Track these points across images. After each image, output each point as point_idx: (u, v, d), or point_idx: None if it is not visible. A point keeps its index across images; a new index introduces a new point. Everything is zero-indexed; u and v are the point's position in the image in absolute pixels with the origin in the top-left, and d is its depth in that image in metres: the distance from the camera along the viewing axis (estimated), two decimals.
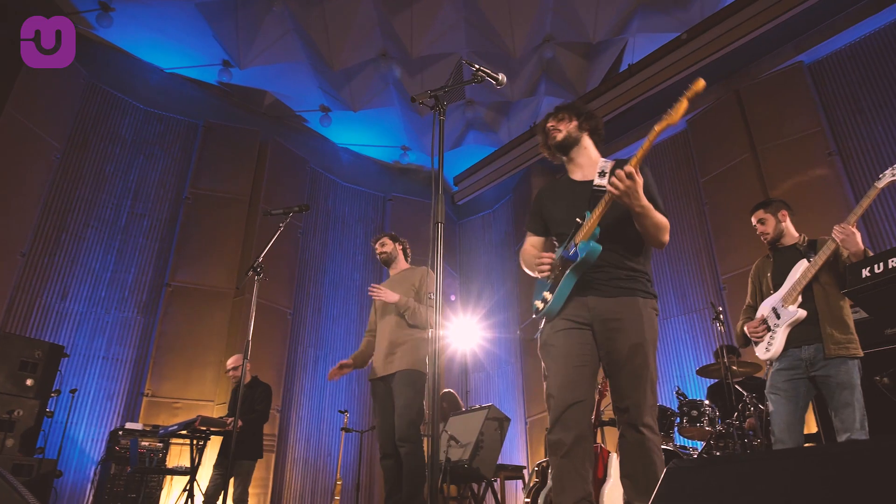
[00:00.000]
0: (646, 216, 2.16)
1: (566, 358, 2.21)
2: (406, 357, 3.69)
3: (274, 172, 7.93)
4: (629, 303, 2.21)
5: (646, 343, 2.17)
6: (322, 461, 7.60)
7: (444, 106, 2.18)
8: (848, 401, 2.88)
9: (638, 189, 2.09)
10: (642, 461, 2.10)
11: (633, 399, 2.13)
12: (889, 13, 6.05)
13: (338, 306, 8.52)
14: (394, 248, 4.19)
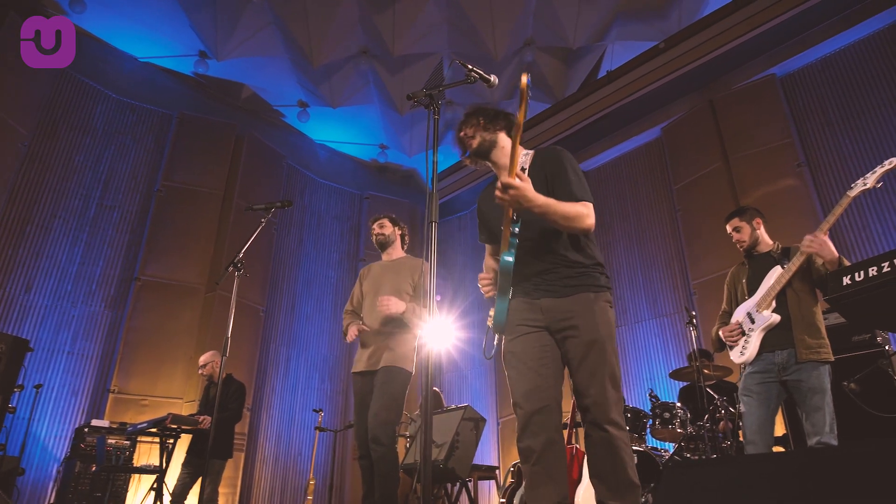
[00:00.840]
0: (547, 214, 2.09)
1: (526, 364, 2.19)
2: (392, 353, 3.51)
3: (249, 167, 7.81)
4: (580, 300, 2.18)
5: (600, 339, 2.14)
6: (292, 460, 7.51)
7: (438, 105, 2.17)
8: (819, 405, 2.96)
9: (522, 194, 2.01)
10: (610, 459, 2.06)
11: (593, 396, 2.10)
12: (858, 30, 6.26)
13: (311, 305, 8.43)
14: (392, 232, 3.94)
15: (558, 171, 2.26)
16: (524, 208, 2.06)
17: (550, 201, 2.09)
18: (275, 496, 7.23)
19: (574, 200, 2.18)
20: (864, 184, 3.04)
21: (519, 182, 2.01)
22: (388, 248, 3.92)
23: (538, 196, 2.05)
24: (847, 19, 6.27)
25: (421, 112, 8.42)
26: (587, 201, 2.21)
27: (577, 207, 2.16)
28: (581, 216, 2.15)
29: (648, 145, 8.13)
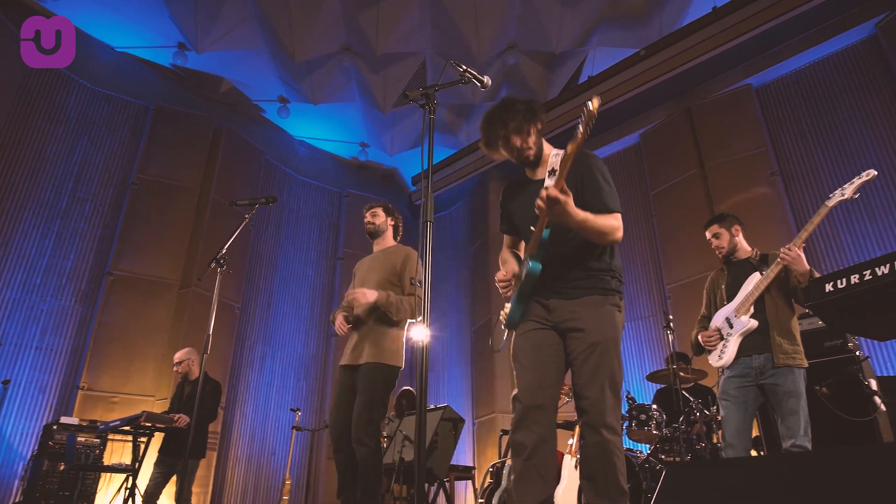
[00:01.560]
0: (584, 230, 2.11)
1: (532, 361, 2.24)
2: (375, 348, 3.38)
3: (227, 162, 7.69)
4: (588, 302, 2.21)
5: (604, 342, 2.16)
6: (266, 459, 7.43)
7: (434, 104, 2.17)
8: (794, 409, 3.04)
9: (565, 210, 2.00)
10: (602, 463, 2.09)
11: (590, 399, 2.13)
12: (832, 44, 6.45)
13: (288, 302, 8.35)
14: (384, 221, 3.80)
15: (592, 180, 2.26)
16: (563, 221, 2.07)
17: (588, 217, 2.10)
18: (247, 495, 7.13)
19: (607, 212, 2.20)
20: (841, 194, 3.13)
21: (564, 197, 2.00)
22: (378, 237, 3.79)
23: (578, 212, 2.06)
24: (822, 33, 6.45)
25: (403, 111, 8.40)
26: (618, 212, 2.23)
27: (610, 221, 2.18)
28: (613, 230, 2.18)
29: (626, 151, 8.25)
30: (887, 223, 5.81)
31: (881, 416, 3.52)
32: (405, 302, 3.42)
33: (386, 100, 8.17)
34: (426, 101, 2.16)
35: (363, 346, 3.42)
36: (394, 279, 3.52)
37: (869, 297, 1.89)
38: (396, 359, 3.43)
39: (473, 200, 9.24)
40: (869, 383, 3.58)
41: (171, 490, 4.64)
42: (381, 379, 3.36)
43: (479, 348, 8.35)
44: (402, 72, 7.89)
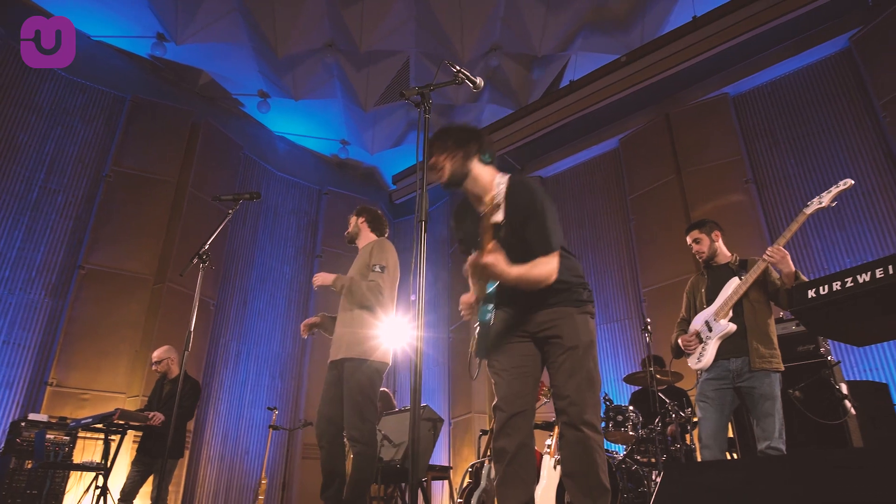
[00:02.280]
0: (519, 285, 2.16)
1: (509, 371, 2.30)
2: (351, 345, 3.39)
3: (205, 156, 7.56)
4: (562, 311, 2.27)
5: (580, 345, 2.23)
6: (239, 459, 7.33)
7: (429, 103, 2.17)
8: (769, 411, 3.12)
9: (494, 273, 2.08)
10: (584, 460, 2.13)
11: (569, 397, 2.18)
12: (807, 56, 6.62)
13: (264, 300, 8.25)
14: (355, 224, 3.83)
15: (534, 217, 2.23)
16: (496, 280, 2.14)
17: (522, 272, 2.13)
18: (219, 495, 7.03)
19: (546, 253, 2.19)
20: (819, 202, 3.22)
21: (491, 260, 2.05)
22: (357, 239, 3.83)
23: (509, 271, 2.10)
24: (797, 45, 6.62)
25: (385, 110, 8.37)
26: (557, 250, 2.23)
27: (544, 270, 2.18)
28: (547, 276, 2.18)
29: (606, 155, 8.36)
30: (856, 231, 5.99)
31: (851, 420, 3.62)
32: (364, 286, 3.43)
33: (368, 97, 8.13)
34: (422, 100, 2.16)
35: (340, 342, 3.45)
36: (364, 270, 3.54)
37: (849, 303, 1.94)
38: (374, 352, 3.42)
39: (455, 201, 9.25)
40: (840, 387, 3.68)
41: (147, 490, 4.55)
42: (363, 375, 3.36)
43: (456, 348, 8.37)
44: (386, 70, 7.86)
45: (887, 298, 1.89)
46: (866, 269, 1.92)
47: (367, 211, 3.88)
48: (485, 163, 2.38)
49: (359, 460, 3.23)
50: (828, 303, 2.00)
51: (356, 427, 3.26)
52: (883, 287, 1.85)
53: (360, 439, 3.24)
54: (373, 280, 3.45)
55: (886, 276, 1.82)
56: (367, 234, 3.80)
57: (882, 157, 5.97)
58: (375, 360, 3.41)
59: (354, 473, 3.23)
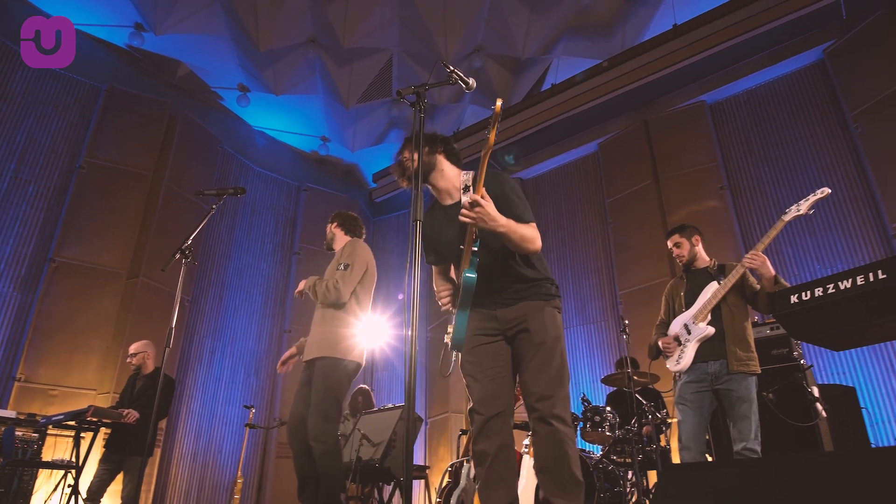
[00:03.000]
0: (507, 235, 2.18)
1: (483, 372, 2.31)
2: (323, 344, 3.40)
3: (182, 149, 7.43)
4: (530, 306, 2.31)
5: (548, 340, 2.27)
6: (212, 457, 7.22)
7: (424, 103, 2.18)
8: (746, 413, 3.20)
9: (488, 213, 2.09)
10: (555, 454, 2.16)
11: (539, 392, 2.21)
12: (782, 67, 6.80)
13: (240, 296, 8.14)
14: (329, 231, 3.91)
15: (503, 195, 2.31)
16: (488, 227, 2.13)
17: (511, 222, 2.18)
18: (191, 494, 6.92)
19: (522, 223, 2.25)
20: (797, 210, 3.31)
21: (485, 201, 2.09)
22: (334, 245, 3.89)
23: (500, 216, 2.14)
24: (773, 56, 6.79)
25: (366, 107, 8.33)
26: (532, 223, 2.31)
27: (531, 230, 2.26)
28: (535, 238, 2.27)
29: (585, 159, 8.46)
30: (826, 239, 6.17)
31: (822, 422, 3.73)
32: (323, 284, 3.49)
33: (350, 94, 8.08)
34: (417, 100, 2.16)
35: (312, 341, 3.49)
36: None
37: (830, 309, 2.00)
38: (343, 350, 3.41)
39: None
40: (812, 390, 3.79)
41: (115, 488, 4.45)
42: (333, 375, 3.35)
43: (433, 348, 8.37)
44: (368, 67, 7.83)
45: (867, 305, 1.95)
46: (848, 275, 1.97)
47: (338, 216, 3.94)
48: (451, 161, 2.50)
49: (323, 460, 3.21)
50: (810, 308, 2.05)
51: (318, 427, 3.25)
52: (863, 294, 1.90)
53: (321, 439, 3.22)
54: (334, 278, 3.50)
55: (867, 283, 1.87)
56: (342, 237, 3.86)
57: (853, 167, 6.15)
58: (347, 360, 3.41)
59: (323, 474, 3.21)
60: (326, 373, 3.34)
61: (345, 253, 3.61)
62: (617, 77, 7.30)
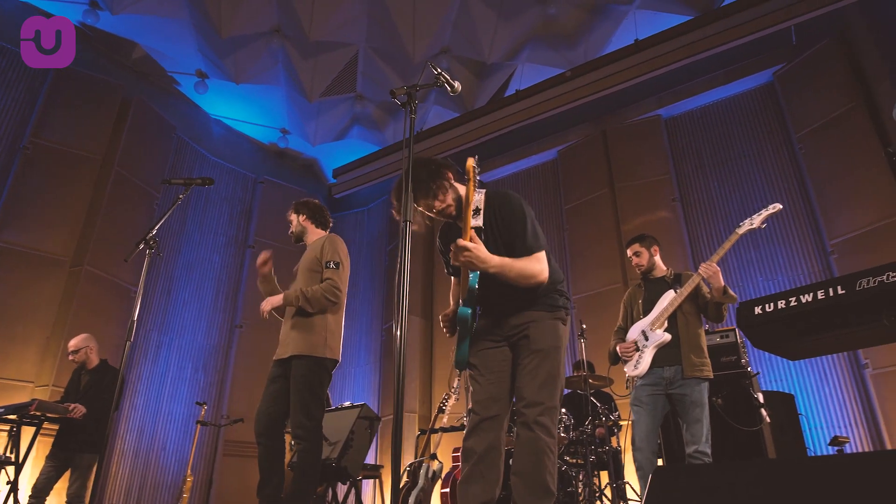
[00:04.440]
0: (503, 274, 2.22)
1: (486, 376, 2.37)
2: (302, 341, 3.30)
3: (135, 134, 7.14)
4: (535, 316, 2.36)
5: (546, 349, 2.31)
6: (155, 455, 6.97)
7: (415, 104, 2.19)
8: (698, 417, 3.35)
9: (477, 257, 2.14)
10: (533, 460, 2.19)
11: (528, 399, 2.26)
12: (735, 86, 7.12)
13: (190, 290, 7.89)
14: (297, 222, 3.73)
15: (514, 222, 2.35)
16: (479, 269, 2.18)
17: (505, 262, 2.22)
18: (132, 492, 6.66)
19: (528, 254, 2.29)
20: (751, 224, 3.50)
21: (472, 245, 2.13)
22: (304, 238, 3.76)
23: (491, 258, 2.18)
24: (727, 75, 7.10)
25: (330, 101, 8.22)
26: (540, 251, 2.33)
27: (531, 265, 2.28)
28: (536, 273, 2.28)
29: (544, 165, 8.61)
30: (768, 252, 6.49)
31: (766, 427, 3.94)
32: (319, 290, 3.35)
33: (313, 87, 7.96)
34: (408, 101, 2.17)
35: (288, 340, 3.37)
36: (315, 266, 3.49)
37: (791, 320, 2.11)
38: (327, 350, 3.35)
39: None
40: (757, 397, 4.00)
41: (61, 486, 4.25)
42: (312, 373, 3.28)
43: (388, 347, 8.35)
44: (333, 61, 7.73)
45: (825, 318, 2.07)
46: (809, 290, 2.08)
47: (306, 206, 3.78)
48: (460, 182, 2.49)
49: (303, 458, 3.17)
50: (772, 319, 2.15)
51: (302, 425, 3.19)
52: (822, 307, 2.02)
53: (306, 437, 3.18)
54: (329, 278, 3.40)
55: (827, 297, 1.99)
56: (314, 231, 3.74)
57: (796, 185, 6.50)
58: (326, 358, 3.35)
59: (299, 472, 3.17)
60: (307, 372, 3.26)
61: (327, 250, 3.49)
62: (579, 87, 7.46)
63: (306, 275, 3.49)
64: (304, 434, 3.18)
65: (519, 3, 7.15)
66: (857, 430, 5.37)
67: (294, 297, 3.35)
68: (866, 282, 1.95)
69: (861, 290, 1.96)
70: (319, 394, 3.30)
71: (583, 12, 7.32)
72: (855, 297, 1.97)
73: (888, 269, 1.89)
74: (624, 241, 7.15)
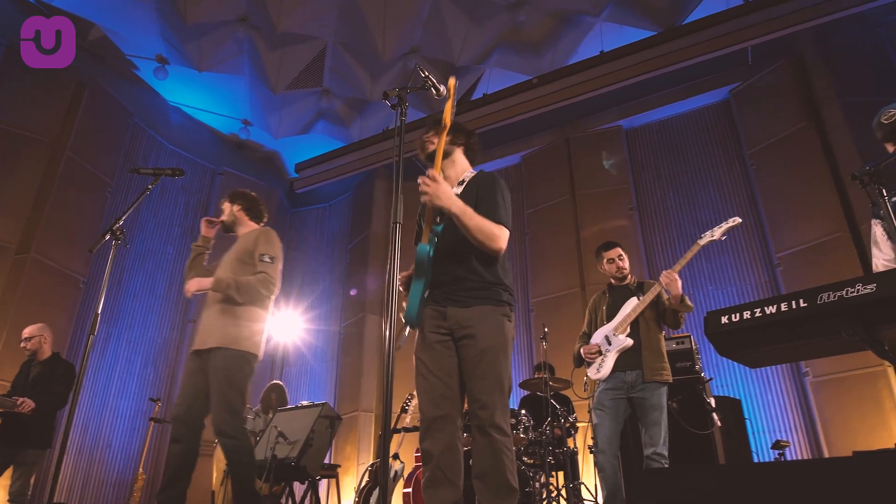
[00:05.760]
0: (461, 219, 2.26)
1: (434, 373, 2.35)
2: (224, 332, 3.16)
3: (89, 118, 6.86)
4: (481, 311, 2.35)
5: (494, 348, 2.30)
6: (100, 452, 6.72)
7: (405, 106, 2.20)
8: (657, 420, 3.48)
9: (440, 190, 2.23)
10: (492, 462, 2.21)
11: (480, 401, 2.26)
12: (693, 102, 7.40)
13: (142, 281, 7.64)
14: (230, 212, 3.60)
15: (487, 193, 2.43)
16: (441, 204, 2.23)
17: (467, 208, 2.28)
18: (74, 489, 6.40)
19: (493, 221, 2.34)
20: (711, 235, 3.66)
21: (440, 179, 2.21)
22: (235, 229, 3.61)
23: (455, 199, 2.26)
24: (686, 91, 7.37)
25: (295, 95, 8.09)
26: (504, 226, 2.38)
27: (493, 227, 2.33)
28: (494, 236, 2.32)
29: (508, 169, 8.72)
30: (718, 263, 6.77)
31: (717, 431, 4.13)
32: (254, 280, 3.24)
33: (279, 80, 7.82)
34: (398, 103, 2.18)
35: (211, 330, 3.22)
36: (246, 258, 3.36)
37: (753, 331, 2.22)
38: (250, 344, 3.21)
39: (358, 196, 9.16)
40: (710, 401, 4.17)
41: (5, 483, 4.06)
42: (234, 366, 3.13)
43: (346, 345, 8.29)
44: (300, 54, 7.61)
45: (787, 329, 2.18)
46: (773, 302, 2.19)
47: (241, 197, 3.66)
48: (467, 157, 2.65)
49: (234, 458, 3.03)
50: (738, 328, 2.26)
51: (224, 421, 3.02)
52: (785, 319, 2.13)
53: (230, 433, 3.02)
54: (262, 271, 3.27)
55: (790, 309, 2.11)
56: (247, 223, 3.61)
57: (746, 199, 6.80)
58: (248, 351, 3.21)
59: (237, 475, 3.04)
60: (228, 365, 3.11)
61: (262, 243, 3.38)
62: (545, 95, 7.60)
63: (234, 265, 3.35)
64: (230, 430, 3.03)
65: (490, 8, 7.22)
66: (797, 435, 5.68)
67: (226, 283, 3.23)
68: (827, 296, 2.06)
69: (822, 304, 2.07)
70: (242, 388, 3.14)
71: (551, 21, 7.45)
72: (816, 310, 2.08)
73: (847, 285, 2.01)
74: (583, 247, 7.35)
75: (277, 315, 8.40)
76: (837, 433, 5.33)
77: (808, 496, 1.10)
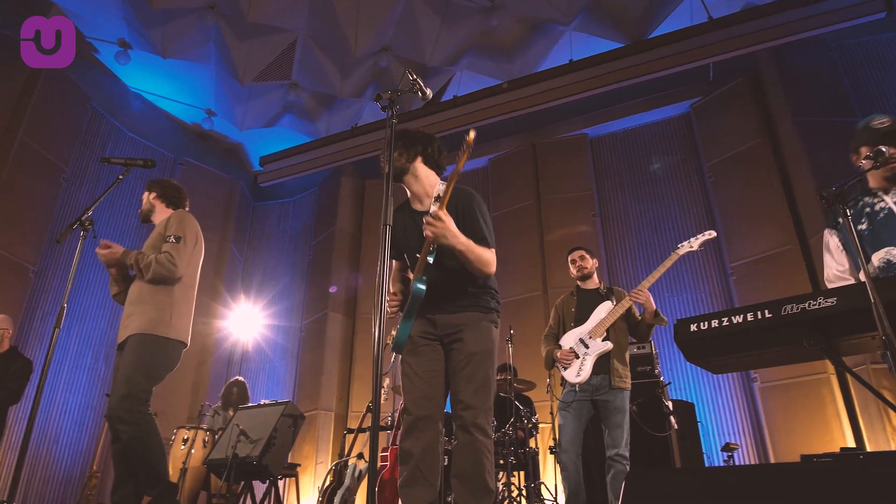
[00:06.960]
0: (465, 254, 2.29)
1: (419, 374, 2.41)
2: (142, 317, 3.07)
3: (44, 101, 6.58)
4: (468, 317, 2.43)
5: (480, 352, 2.38)
6: (46, 448, 6.45)
7: (395, 108, 2.21)
8: (620, 423, 3.59)
9: (447, 230, 2.22)
10: (471, 461, 2.28)
11: (464, 403, 2.33)
12: (656, 114, 7.64)
13: (95, 272, 7.36)
14: (147, 201, 3.54)
15: (471, 215, 2.46)
16: (448, 243, 2.24)
17: (471, 242, 2.31)
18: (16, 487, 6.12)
19: (484, 244, 2.41)
20: (689, 246, 3.80)
21: (446, 216, 2.22)
22: (152, 218, 3.54)
23: (460, 236, 2.27)
24: (649, 102, 7.59)
25: (263, 87, 7.95)
26: (492, 248, 2.46)
27: (489, 255, 2.40)
28: (489, 262, 2.40)
29: (475, 172, 8.79)
30: (675, 271, 6.99)
31: (674, 433, 4.28)
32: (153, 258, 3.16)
33: (246, 71, 7.68)
34: (389, 105, 2.20)
35: (128, 322, 3.14)
36: (158, 242, 3.31)
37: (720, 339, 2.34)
38: (171, 329, 3.12)
39: (323, 192, 9.07)
40: (668, 405, 4.32)
41: None
42: (145, 349, 3.03)
43: (307, 343, 8.20)
44: (270, 46, 7.49)
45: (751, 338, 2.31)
46: (740, 312, 2.31)
47: (157, 184, 3.61)
48: (429, 166, 2.59)
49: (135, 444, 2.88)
50: (706, 336, 2.37)
51: (120, 406, 2.88)
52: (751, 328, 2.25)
53: (126, 418, 2.87)
54: (165, 251, 3.18)
55: (755, 319, 2.22)
56: (163, 210, 3.53)
57: (703, 210, 7.06)
58: (169, 338, 3.12)
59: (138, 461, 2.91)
60: (139, 348, 3.01)
61: (171, 224, 3.30)
62: (514, 100, 7.71)
63: (149, 252, 3.29)
64: (129, 416, 2.88)
65: (462, 11, 7.27)
66: (745, 438, 5.93)
67: (133, 256, 3.21)
68: (790, 307, 2.18)
69: (786, 315, 2.19)
70: (151, 374, 3.03)
71: (522, 27, 7.55)
72: (780, 320, 2.19)
73: (809, 298, 2.13)
74: (546, 251, 7.48)
75: (237, 310, 8.25)
76: (783, 436, 5.60)
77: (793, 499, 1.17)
